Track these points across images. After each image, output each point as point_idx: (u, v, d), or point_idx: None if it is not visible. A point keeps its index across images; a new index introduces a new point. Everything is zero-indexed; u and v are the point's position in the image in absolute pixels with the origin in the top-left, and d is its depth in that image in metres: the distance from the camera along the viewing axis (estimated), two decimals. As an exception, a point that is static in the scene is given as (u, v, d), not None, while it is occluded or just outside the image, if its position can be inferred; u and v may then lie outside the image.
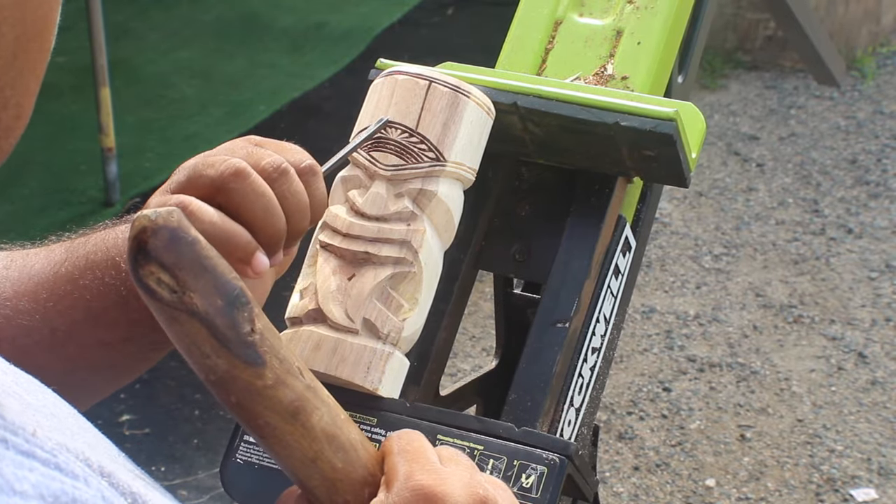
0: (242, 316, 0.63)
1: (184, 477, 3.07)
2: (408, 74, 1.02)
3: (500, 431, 0.92)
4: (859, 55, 5.55)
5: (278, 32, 5.41)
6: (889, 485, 3.13)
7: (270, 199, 0.84)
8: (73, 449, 0.54)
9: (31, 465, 0.49)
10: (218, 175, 0.83)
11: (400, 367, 0.95)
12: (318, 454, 0.68)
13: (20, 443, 0.50)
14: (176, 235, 0.60)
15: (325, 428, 0.68)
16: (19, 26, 0.56)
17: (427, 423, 0.92)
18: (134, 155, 4.27)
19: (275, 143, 0.89)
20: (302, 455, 0.67)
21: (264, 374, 0.64)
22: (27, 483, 0.48)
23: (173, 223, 0.61)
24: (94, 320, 0.89)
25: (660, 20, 1.20)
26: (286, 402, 0.66)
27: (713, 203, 4.45)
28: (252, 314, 0.63)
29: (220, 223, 0.82)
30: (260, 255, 0.83)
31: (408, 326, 0.95)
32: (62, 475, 0.50)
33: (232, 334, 0.62)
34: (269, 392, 0.65)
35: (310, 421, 0.67)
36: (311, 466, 0.68)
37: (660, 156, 1.07)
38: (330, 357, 0.93)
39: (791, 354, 3.62)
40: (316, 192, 0.88)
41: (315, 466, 0.68)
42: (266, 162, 0.85)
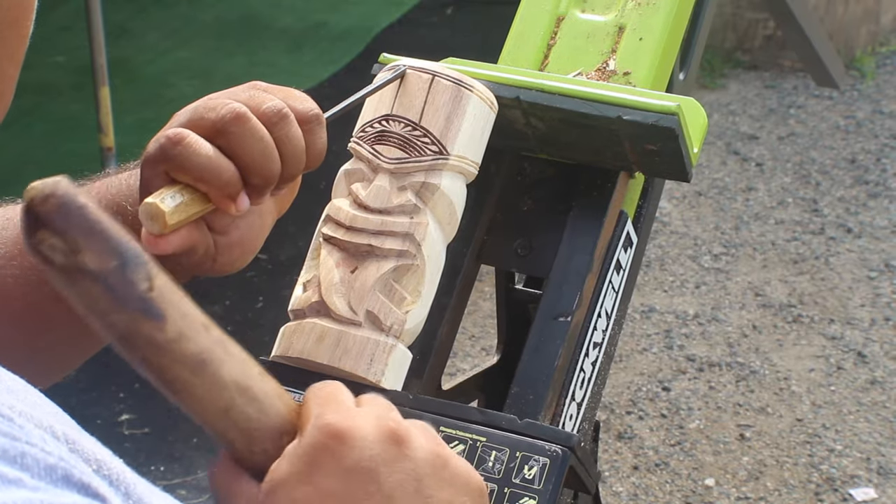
0: (138, 274, 0.64)
1: (183, 477, 3.07)
2: (411, 68, 1.02)
3: (503, 423, 0.93)
4: (858, 55, 5.55)
5: (278, 32, 5.42)
6: (888, 484, 3.13)
7: (268, 143, 0.86)
8: (36, 418, 0.55)
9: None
10: (219, 118, 0.86)
11: (403, 359, 0.95)
12: (229, 404, 0.68)
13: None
14: (64, 202, 0.62)
15: (235, 379, 0.68)
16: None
17: (430, 414, 0.92)
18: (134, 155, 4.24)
19: (281, 90, 0.91)
20: (214, 407, 0.68)
21: (165, 328, 0.66)
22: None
23: (61, 190, 0.63)
24: None
25: (661, 17, 1.21)
26: (191, 355, 0.67)
27: (712, 202, 4.45)
28: (149, 273, 0.65)
29: (213, 158, 0.85)
30: (243, 196, 0.86)
31: (410, 319, 0.95)
32: (15, 433, 0.51)
33: (128, 290, 0.64)
34: (173, 345, 0.66)
35: (218, 372, 0.68)
36: (225, 418, 0.68)
37: (662, 150, 1.07)
38: (333, 349, 0.93)
39: (790, 354, 3.63)
40: (316, 140, 0.89)
41: (228, 418, 0.68)
42: (267, 106, 0.87)
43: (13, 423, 0.52)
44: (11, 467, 0.49)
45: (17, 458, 0.49)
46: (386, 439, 0.67)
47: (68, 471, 0.51)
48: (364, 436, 0.67)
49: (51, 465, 0.50)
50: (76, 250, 0.62)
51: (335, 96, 1.01)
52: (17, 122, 3.61)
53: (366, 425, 0.68)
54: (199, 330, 0.68)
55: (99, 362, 1.08)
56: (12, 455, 0.49)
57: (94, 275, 0.63)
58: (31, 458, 0.50)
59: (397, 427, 0.69)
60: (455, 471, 0.69)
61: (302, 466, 0.66)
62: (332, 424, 0.67)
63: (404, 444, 0.68)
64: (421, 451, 0.68)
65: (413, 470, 0.68)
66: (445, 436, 0.91)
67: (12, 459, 0.49)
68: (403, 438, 0.68)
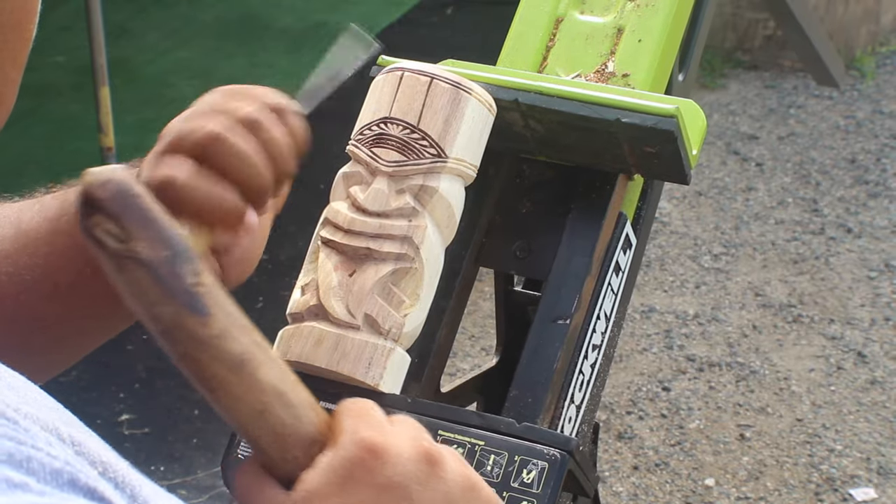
0: (188, 268, 0.65)
1: (183, 476, 3.07)
2: (409, 71, 1.02)
3: (502, 427, 0.93)
4: (859, 55, 5.55)
5: (278, 32, 5.42)
6: (888, 484, 3.13)
7: (249, 157, 0.86)
8: (41, 419, 0.54)
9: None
10: (197, 142, 0.85)
11: (401, 362, 0.95)
12: (266, 407, 0.68)
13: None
14: (122, 189, 0.63)
15: (273, 383, 0.69)
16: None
17: (428, 418, 0.92)
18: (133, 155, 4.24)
19: (245, 91, 0.90)
20: (250, 408, 0.68)
21: (209, 324, 0.66)
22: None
23: (118, 177, 0.63)
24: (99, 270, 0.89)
25: (660, 18, 1.20)
26: (233, 353, 0.67)
27: (712, 202, 4.45)
28: (198, 268, 0.66)
29: (209, 191, 0.84)
30: (250, 214, 0.86)
31: (409, 322, 0.95)
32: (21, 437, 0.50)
33: (176, 283, 0.64)
34: (216, 342, 0.66)
35: (257, 374, 0.68)
36: (260, 420, 0.68)
37: (661, 152, 1.07)
38: (331, 353, 0.93)
39: (790, 354, 3.62)
40: (297, 131, 0.89)
41: (263, 420, 0.68)
42: (240, 116, 0.86)
43: (18, 426, 0.52)
44: (17, 471, 0.48)
45: (23, 463, 0.49)
46: (420, 459, 0.68)
47: (74, 475, 0.51)
48: (399, 453, 0.67)
49: (57, 470, 0.50)
50: (129, 237, 0.63)
51: (335, 96, 1.01)
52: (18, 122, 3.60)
53: (401, 443, 0.68)
54: (242, 330, 0.68)
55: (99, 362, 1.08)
56: (18, 459, 0.49)
57: (144, 263, 0.63)
58: (37, 461, 0.50)
59: (431, 448, 0.69)
60: (484, 495, 0.70)
61: (336, 479, 0.67)
62: (369, 439, 0.68)
63: (438, 465, 0.68)
64: (453, 473, 0.69)
65: (445, 492, 0.68)
66: (444, 439, 0.91)
67: (18, 464, 0.49)
68: (437, 459, 0.69)
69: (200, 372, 0.67)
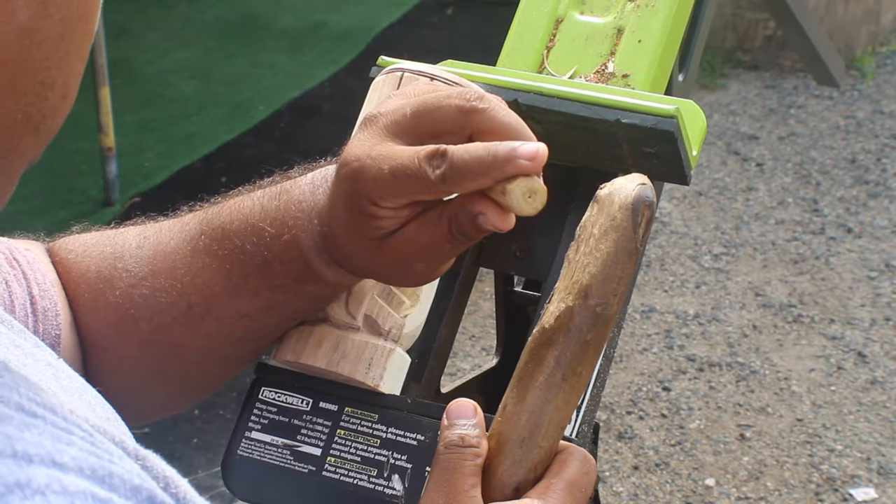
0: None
1: (184, 476, 3.07)
2: (409, 71, 1.02)
3: (502, 427, 0.92)
4: (859, 55, 5.55)
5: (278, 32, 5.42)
6: (888, 484, 3.13)
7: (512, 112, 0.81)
8: (108, 432, 0.54)
9: (69, 439, 0.50)
10: (464, 103, 0.80)
11: (401, 363, 0.95)
12: (556, 419, 0.71)
13: (58, 421, 0.50)
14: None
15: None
16: (66, 7, 0.57)
17: (429, 419, 0.92)
18: (133, 155, 4.27)
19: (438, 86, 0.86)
20: (571, 408, 0.71)
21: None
22: (67, 456, 0.48)
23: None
24: (234, 291, 0.88)
25: (660, 18, 1.20)
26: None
27: (713, 202, 4.45)
28: None
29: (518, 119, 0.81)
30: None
31: (409, 323, 0.95)
32: (99, 451, 0.50)
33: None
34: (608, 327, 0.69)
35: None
36: (547, 423, 0.71)
37: (660, 153, 1.07)
38: (331, 353, 0.93)
39: (791, 354, 3.63)
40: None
41: (547, 426, 0.71)
42: (469, 93, 0.81)
43: (95, 440, 0.51)
44: (101, 487, 0.48)
45: (106, 478, 0.49)
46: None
47: (152, 492, 0.51)
48: None
49: (136, 486, 0.50)
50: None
51: (335, 96, 1.01)
52: (17, 122, 3.59)
53: None
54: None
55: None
56: (101, 475, 0.49)
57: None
58: (118, 477, 0.50)
59: None
60: None
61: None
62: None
63: None
64: None
65: None
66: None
67: (101, 479, 0.49)
68: None
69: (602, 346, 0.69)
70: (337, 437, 0.92)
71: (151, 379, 0.95)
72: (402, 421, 0.92)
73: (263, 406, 0.94)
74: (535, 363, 0.70)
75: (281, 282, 0.87)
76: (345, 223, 0.82)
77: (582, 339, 0.68)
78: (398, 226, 0.80)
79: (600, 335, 0.69)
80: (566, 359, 0.69)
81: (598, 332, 0.69)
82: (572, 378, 0.69)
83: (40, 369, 0.66)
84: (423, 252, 0.82)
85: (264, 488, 0.93)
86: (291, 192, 0.88)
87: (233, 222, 0.88)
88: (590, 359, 0.69)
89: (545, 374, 0.69)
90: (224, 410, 3.09)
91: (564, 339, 0.69)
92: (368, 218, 0.80)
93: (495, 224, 0.78)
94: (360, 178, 0.79)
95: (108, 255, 0.94)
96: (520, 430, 0.70)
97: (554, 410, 0.70)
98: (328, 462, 0.91)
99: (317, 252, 0.85)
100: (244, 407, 0.95)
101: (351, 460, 0.91)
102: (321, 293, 0.89)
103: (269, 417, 0.94)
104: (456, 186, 0.77)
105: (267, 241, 0.86)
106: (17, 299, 0.87)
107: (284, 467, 0.92)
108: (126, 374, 0.94)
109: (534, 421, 0.70)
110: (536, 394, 0.70)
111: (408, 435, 0.91)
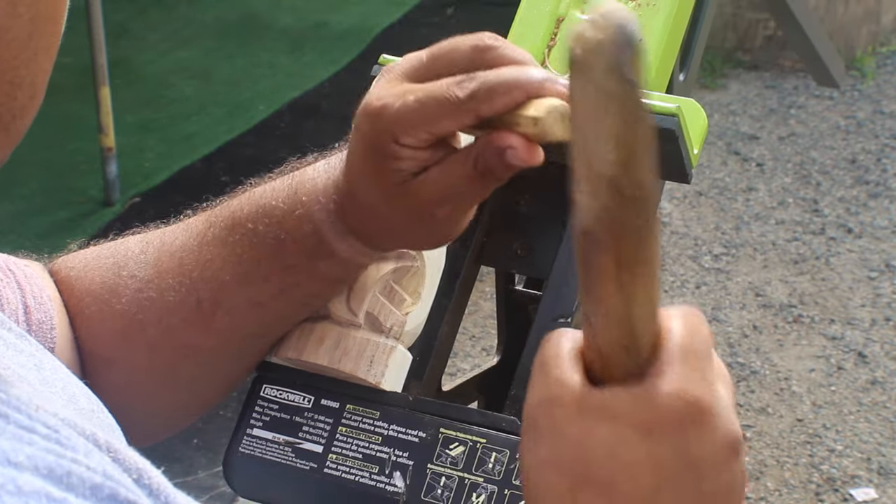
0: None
1: (184, 477, 3.07)
2: (410, 70, 1.02)
3: (504, 425, 0.93)
4: (859, 55, 5.55)
5: (278, 32, 5.42)
6: (889, 484, 3.13)
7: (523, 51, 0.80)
8: (80, 426, 0.54)
9: (30, 438, 0.50)
10: (479, 41, 0.79)
11: (402, 361, 0.95)
12: (645, 300, 0.61)
13: (21, 419, 0.50)
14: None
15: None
16: (35, 7, 0.57)
17: (430, 416, 0.92)
18: (134, 155, 4.27)
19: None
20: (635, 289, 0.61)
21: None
22: (22, 455, 0.48)
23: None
24: (245, 278, 0.87)
25: (661, 18, 1.20)
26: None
27: (713, 203, 4.45)
28: None
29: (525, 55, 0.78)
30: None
31: (410, 320, 0.95)
32: (61, 449, 0.50)
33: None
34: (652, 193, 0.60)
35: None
36: (630, 303, 0.61)
37: (662, 151, 1.06)
38: (333, 351, 0.93)
39: (791, 354, 3.63)
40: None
41: (634, 305, 0.61)
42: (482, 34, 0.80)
43: (60, 437, 0.51)
44: (57, 487, 0.48)
45: (63, 478, 0.49)
46: (728, 445, 0.62)
47: (114, 490, 0.51)
48: (714, 431, 0.61)
49: (97, 485, 0.50)
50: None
51: (335, 96, 1.01)
52: (18, 122, 3.60)
53: (721, 418, 0.62)
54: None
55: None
56: (59, 474, 0.49)
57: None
58: (77, 476, 0.49)
59: (739, 435, 0.64)
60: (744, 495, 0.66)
61: (651, 424, 0.61)
62: (696, 401, 0.61)
63: (736, 457, 0.63)
64: (740, 468, 0.64)
65: (728, 486, 0.63)
66: (445, 437, 0.91)
67: (58, 479, 0.48)
68: (739, 450, 0.64)
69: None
70: (338, 434, 0.92)
71: (160, 388, 0.95)
72: (404, 418, 0.92)
73: (265, 403, 0.95)
74: (595, 273, 0.62)
75: (293, 261, 0.86)
76: (363, 171, 0.81)
77: (633, 229, 0.60)
78: (419, 168, 0.79)
79: (648, 213, 0.60)
80: (627, 256, 0.60)
81: (644, 212, 0.60)
82: (641, 269, 0.61)
83: (22, 361, 0.66)
84: (445, 195, 0.80)
85: (266, 485, 0.93)
86: (305, 171, 0.88)
87: (243, 208, 0.88)
88: (650, 242, 0.61)
89: (613, 282, 0.61)
90: (224, 410, 3.09)
91: (614, 238, 0.60)
92: (389, 160, 0.78)
93: (524, 157, 0.76)
94: (383, 115, 0.78)
95: (112, 265, 0.93)
96: (620, 339, 0.62)
97: (641, 306, 0.62)
98: (329, 459, 0.91)
99: (330, 224, 0.84)
100: (245, 404, 0.95)
101: (352, 457, 0.91)
102: (333, 272, 0.87)
103: (270, 415, 0.94)
104: (486, 104, 0.76)
105: (279, 218, 0.86)
106: (8, 304, 0.86)
107: (286, 464, 0.92)
108: (134, 385, 0.93)
109: (627, 327, 0.62)
110: (615, 303, 0.62)
111: (409, 432, 0.92)
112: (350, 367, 0.93)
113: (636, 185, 0.59)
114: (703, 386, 0.62)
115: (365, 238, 0.86)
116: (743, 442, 0.65)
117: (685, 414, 0.61)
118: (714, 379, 0.63)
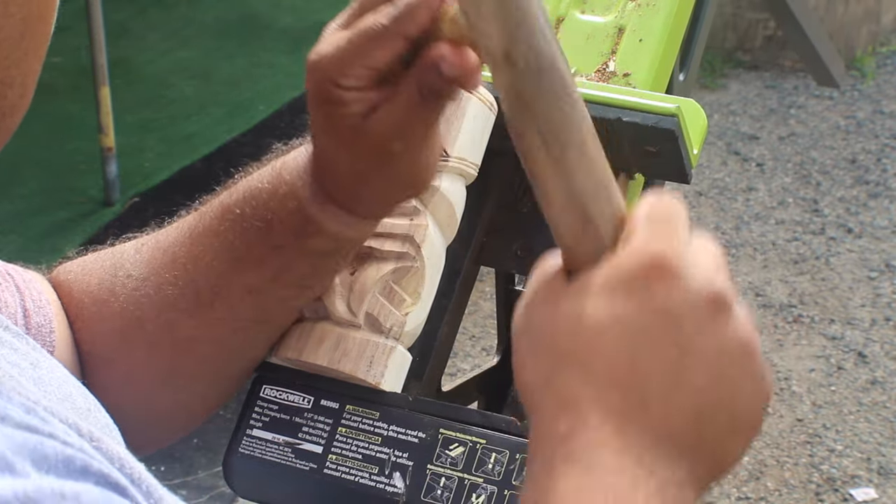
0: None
1: (184, 477, 3.07)
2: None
3: (503, 425, 0.92)
4: (859, 55, 5.55)
5: (278, 32, 5.41)
6: (889, 484, 3.13)
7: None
8: (60, 413, 0.54)
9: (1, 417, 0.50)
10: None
11: (402, 361, 0.95)
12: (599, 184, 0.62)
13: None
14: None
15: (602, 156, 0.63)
16: (26, 7, 0.58)
17: (430, 416, 0.92)
18: (134, 155, 4.27)
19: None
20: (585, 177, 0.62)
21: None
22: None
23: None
24: (238, 264, 0.88)
25: (661, 17, 1.20)
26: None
27: (713, 203, 4.45)
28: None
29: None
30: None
31: (410, 321, 0.95)
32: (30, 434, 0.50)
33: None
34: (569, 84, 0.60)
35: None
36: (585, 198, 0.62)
37: (662, 151, 1.07)
38: (332, 351, 0.93)
39: (791, 354, 3.62)
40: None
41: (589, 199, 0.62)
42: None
43: (36, 415, 0.51)
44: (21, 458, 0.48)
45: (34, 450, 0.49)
46: (708, 299, 0.61)
47: (87, 462, 0.51)
48: (687, 285, 0.61)
49: (69, 457, 0.50)
50: None
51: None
52: (18, 122, 3.61)
53: (694, 273, 0.61)
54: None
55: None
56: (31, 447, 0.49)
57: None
58: (51, 448, 0.49)
59: (724, 290, 0.62)
60: (758, 366, 0.63)
61: (612, 284, 0.61)
62: (659, 257, 0.61)
63: (723, 313, 0.62)
64: (736, 328, 0.62)
65: (719, 345, 0.61)
66: (445, 438, 0.91)
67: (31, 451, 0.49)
68: (725, 306, 0.62)
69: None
70: (338, 434, 0.92)
71: (159, 387, 0.95)
72: (403, 419, 0.92)
73: (265, 404, 0.95)
74: (525, 151, 0.61)
75: (281, 241, 0.87)
76: (318, 125, 0.82)
77: (546, 100, 0.60)
78: (367, 109, 0.79)
79: (555, 82, 0.60)
80: (550, 129, 0.60)
81: (548, 81, 0.59)
82: (572, 141, 0.61)
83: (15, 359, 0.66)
84: (397, 128, 0.80)
85: (265, 486, 0.93)
86: (287, 154, 0.90)
87: (231, 195, 0.89)
88: (574, 116, 0.61)
89: (544, 155, 0.61)
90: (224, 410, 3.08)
91: (527, 111, 0.60)
92: (336, 105, 0.79)
93: (455, 62, 0.75)
94: (320, 64, 0.79)
95: (108, 267, 0.94)
96: (575, 222, 0.62)
97: (584, 181, 0.62)
98: (329, 460, 0.91)
99: (312, 196, 0.85)
100: (245, 405, 0.95)
101: (352, 458, 0.91)
102: (322, 247, 0.88)
103: (270, 415, 0.94)
104: (410, 23, 0.76)
105: (265, 199, 0.87)
106: (7, 308, 0.87)
107: (285, 465, 0.92)
108: (133, 384, 0.93)
109: (577, 206, 0.62)
110: (553, 178, 0.62)
111: (409, 433, 0.92)
112: (350, 368, 0.93)
113: (530, 55, 0.59)
114: (666, 242, 0.61)
115: (346, 205, 0.86)
116: (734, 302, 0.63)
117: (649, 267, 0.61)
118: (685, 241, 0.62)
